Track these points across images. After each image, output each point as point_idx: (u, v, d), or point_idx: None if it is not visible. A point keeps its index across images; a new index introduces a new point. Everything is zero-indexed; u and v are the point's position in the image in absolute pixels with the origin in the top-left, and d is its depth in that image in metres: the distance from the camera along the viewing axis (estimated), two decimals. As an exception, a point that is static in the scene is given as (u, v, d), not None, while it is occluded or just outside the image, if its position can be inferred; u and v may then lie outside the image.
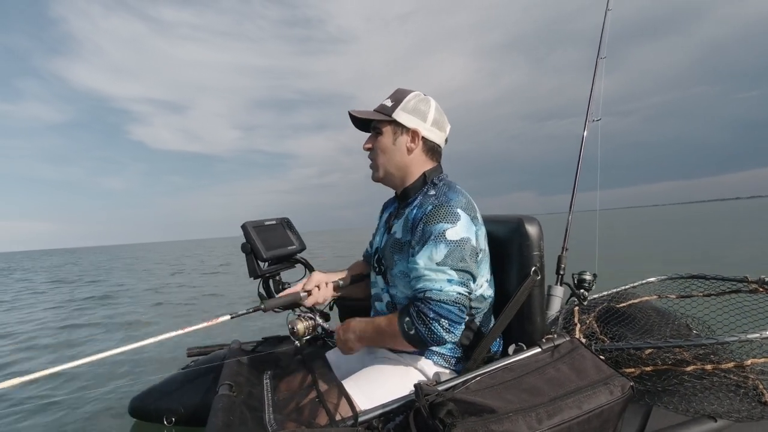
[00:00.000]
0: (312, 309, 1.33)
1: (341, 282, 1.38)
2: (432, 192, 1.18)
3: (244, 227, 1.59)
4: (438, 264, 1.05)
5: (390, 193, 1.40)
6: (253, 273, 1.62)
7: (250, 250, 1.58)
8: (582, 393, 0.94)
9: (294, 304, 1.30)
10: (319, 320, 1.31)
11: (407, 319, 1.07)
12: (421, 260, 1.07)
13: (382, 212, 1.46)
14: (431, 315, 1.04)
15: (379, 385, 1.13)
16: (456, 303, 1.05)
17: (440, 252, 1.05)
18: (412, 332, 1.06)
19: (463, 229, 1.08)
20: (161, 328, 4.88)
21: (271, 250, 1.62)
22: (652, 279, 2.04)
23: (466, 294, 1.08)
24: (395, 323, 1.10)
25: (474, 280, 1.11)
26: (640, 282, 2.02)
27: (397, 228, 1.22)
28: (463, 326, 1.09)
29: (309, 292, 1.29)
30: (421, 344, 1.09)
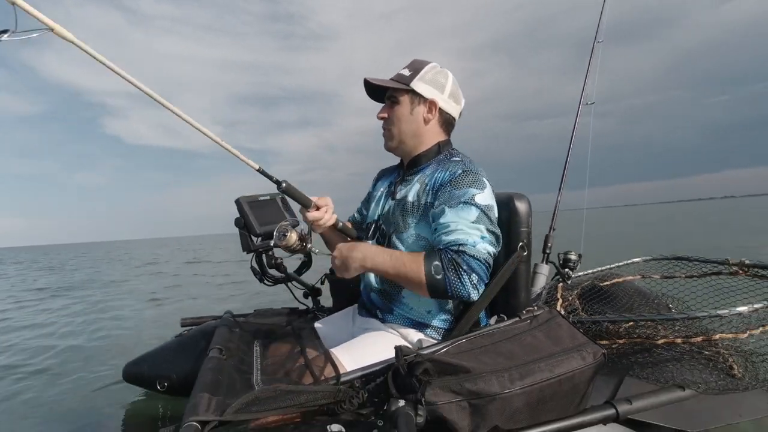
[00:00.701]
0: (303, 236, 1.25)
1: (341, 224, 1.30)
2: (457, 158, 1.19)
3: (237, 202, 1.60)
4: (472, 222, 1.06)
5: (385, 164, 1.37)
6: (246, 248, 1.64)
7: (243, 225, 1.59)
8: (555, 358, 0.98)
9: (303, 204, 1.21)
10: (309, 245, 1.24)
11: (436, 263, 1.03)
12: (454, 217, 1.07)
13: (377, 181, 1.45)
14: (464, 267, 1.01)
15: (366, 351, 1.16)
16: (486, 262, 1.05)
17: (472, 214, 1.07)
18: (439, 277, 1.02)
19: (489, 196, 1.12)
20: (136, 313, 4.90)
21: (264, 225, 1.64)
22: (637, 259, 2.07)
23: (493, 255, 1.08)
24: (421, 262, 1.04)
25: (499, 243, 1.11)
26: (625, 262, 2.06)
27: (407, 192, 1.23)
28: (484, 286, 1.07)
29: (317, 207, 1.19)
30: (441, 293, 1.04)
